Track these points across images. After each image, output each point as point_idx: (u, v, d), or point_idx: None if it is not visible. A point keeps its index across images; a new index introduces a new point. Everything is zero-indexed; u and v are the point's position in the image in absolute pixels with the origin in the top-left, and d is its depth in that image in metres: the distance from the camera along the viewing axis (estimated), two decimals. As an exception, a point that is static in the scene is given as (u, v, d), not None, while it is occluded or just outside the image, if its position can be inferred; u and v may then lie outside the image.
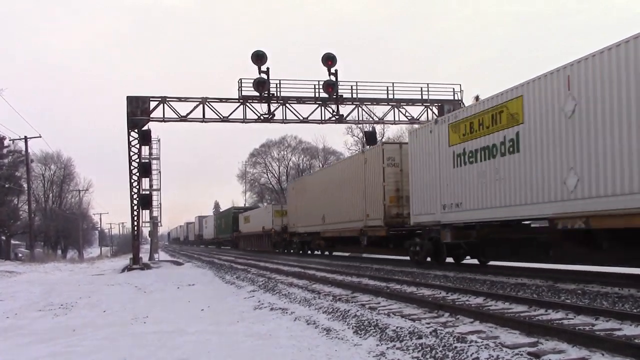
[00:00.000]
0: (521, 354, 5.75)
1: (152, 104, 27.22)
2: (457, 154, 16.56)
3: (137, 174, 28.00)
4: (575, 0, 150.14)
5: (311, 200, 33.05)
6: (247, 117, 27.59)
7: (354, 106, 28.47)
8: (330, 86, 26.77)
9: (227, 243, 66.41)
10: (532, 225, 14.37)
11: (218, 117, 27.40)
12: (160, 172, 34.56)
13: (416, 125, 25.53)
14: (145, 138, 28.03)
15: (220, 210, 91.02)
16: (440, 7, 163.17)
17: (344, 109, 28.35)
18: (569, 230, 12.17)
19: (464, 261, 18.89)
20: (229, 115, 27.51)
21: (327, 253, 34.14)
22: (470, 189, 15.88)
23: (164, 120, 27.35)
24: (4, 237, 54.68)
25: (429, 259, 19.14)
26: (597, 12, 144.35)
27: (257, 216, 50.33)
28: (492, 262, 17.39)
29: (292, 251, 39.77)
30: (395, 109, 28.55)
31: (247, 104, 27.43)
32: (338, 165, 34.45)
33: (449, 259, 18.85)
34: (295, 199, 37.50)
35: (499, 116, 14.68)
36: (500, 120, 14.66)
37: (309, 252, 36.30)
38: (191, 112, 27.23)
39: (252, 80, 26.31)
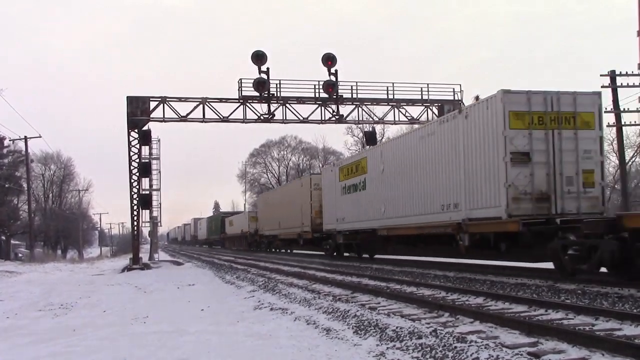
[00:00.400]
0: (521, 354, 5.75)
1: (152, 104, 27.23)
2: (342, 187, 26.21)
3: (137, 174, 28.02)
4: (575, 1, 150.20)
5: (272, 210, 42.16)
6: (247, 117, 27.59)
7: (354, 106, 28.49)
8: (330, 86, 26.77)
9: (217, 243, 73.84)
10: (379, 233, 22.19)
11: (218, 117, 27.41)
12: (160, 172, 34.61)
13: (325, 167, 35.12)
14: (145, 138, 28.04)
15: (221, 211, 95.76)
16: (440, 7, 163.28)
17: (344, 109, 28.38)
18: (382, 235, 21.88)
19: (376, 256, 26.52)
20: (229, 115, 27.52)
21: (282, 251, 43.83)
22: (349, 209, 25.17)
23: (164, 120, 27.36)
24: (4, 237, 54.69)
25: (335, 253, 28.52)
26: (597, 12, 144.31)
27: (238, 220, 58.12)
28: (492, 262, 17.47)
29: (260, 249, 48.54)
30: (395, 109, 28.57)
31: (247, 104, 27.44)
32: (288, 185, 46.78)
33: (355, 254, 27.60)
34: (262, 208, 47.23)
35: (358, 167, 24.50)
36: (359, 170, 24.37)
37: (274, 250, 45.34)
38: (191, 112, 27.24)
39: (252, 81, 26.32)
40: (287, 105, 27.74)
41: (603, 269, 11.95)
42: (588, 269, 11.96)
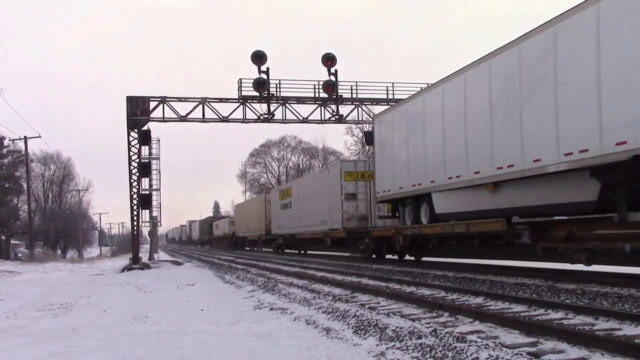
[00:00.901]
0: (521, 354, 5.75)
1: (152, 104, 27.24)
2: (280, 205, 37.90)
3: (137, 174, 28.02)
4: (574, 1, 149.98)
5: (243, 218, 53.77)
6: (247, 117, 27.61)
7: (353, 106, 28.49)
8: (330, 86, 26.78)
9: (206, 242, 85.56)
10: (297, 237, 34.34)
11: (218, 117, 27.43)
12: (160, 172, 34.64)
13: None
14: (145, 138, 28.05)
15: (221, 212, 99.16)
16: (441, 8, 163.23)
17: (344, 109, 28.40)
18: (298, 237, 34.16)
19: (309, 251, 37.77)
20: (228, 115, 27.53)
21: (248, 249, 55.32)
22: (284, 220, 36.76)
23: (163, 120, 27.37)
24: (4, 237, 54.67)
25: (280, 250, 40.67)
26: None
27: (222, 224, 69.57)
28: (491, 262, 17.58)
29: (237, 248, 58.95)
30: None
31: (247, 104, 27.45)
32: (253, 199, 57.58)
33: (294, 250, 39.40)
34: (237, 215, 58.80)
35: (288, 192, 36.15)
36: (288, 194, 35.97)
37: (247, 248, 56.04)
38: (191, 112, 27.25)
39: (251, 81, 26.34)
40: (287, 105, 27.75)
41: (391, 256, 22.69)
42: (368, 256, 23.00)
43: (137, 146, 27.84)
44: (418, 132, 17.40)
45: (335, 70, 26.81)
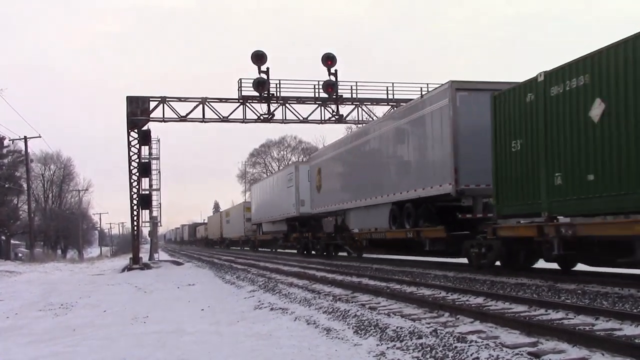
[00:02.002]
0: (521, 354, 5.75)
1: (152, 104, 27.25)
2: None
3: (137, 174, 28.03)
4: (574, 2, 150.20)
5: (215, 223, 70.55)
6: (247, 117, 27.62)
7: (353, 106, 28.50)
8: (330, 86, 26.78)
9: (192, 243, 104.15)
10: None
11: (218, 117, 27.44)
12: (160, 172, 34.58)
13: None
14: (145, 138, 28.06)
15: (220, 210, 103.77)
16: (441, 8, 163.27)
17: (344, 109, 28.41)
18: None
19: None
20: (228, 115, 27.54)
21: (218, 247, 67.04)
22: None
23: (163, 120, 27.38)
24: (4, 237, 54.66)
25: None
26: (596, 13, 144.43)
27: (201, 229, 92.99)
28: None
29: (211, 248, 72.64)
30: (395, 109, 28.56)
31: (247, 104, 27.45)
32: (231, 208, 64.56)
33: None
34: (211, 222, 77.00)
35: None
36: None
37: (231, 247, 63.13)
38: (191, 112, 27.27)
39: (252, 80, 26.35)
40: (287, 105, 27.76)
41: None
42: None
43: (137, 146, 27.85)
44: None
45: (335, 70, 26.82)
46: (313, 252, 32.36)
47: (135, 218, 28.32)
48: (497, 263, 14.91)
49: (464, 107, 15.50)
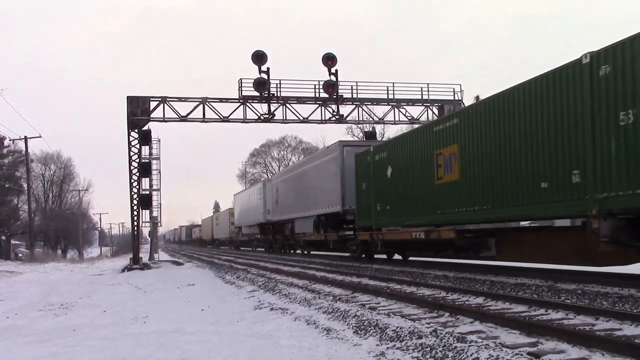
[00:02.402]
0: (521, 354, 5.75)
1: (152, 104, 27.24)
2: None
3: (137, 174, 28.02)
4: (573, 2, 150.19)
5: (210, 225, 78.53)
6: (247, 117, 27.60)
7: (354, 106, 28.49)
8: (331, 86, 26.77)
9: (189, 243, 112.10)
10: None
11: (218, 117, 27.42)
12: (160, 172, 34.57)
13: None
14: (146, 138, 28.05)
15: (221, 210, 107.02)
16: (441, 8, 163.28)
17: (344, 109, 28.38)
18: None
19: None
20: (229, 115, 27.53)
21: (210, 246, 75.24)
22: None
23: (164, 120, 27.37)
24: (4, 237, 54.67)
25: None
26: (596, 13, 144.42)
27: (197, 230, 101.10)
28: (493, 263, 17.53)
29: (204, 247, 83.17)
30: (395, 109, 28.57)
31: (247, 104, 27.44)
32: (217, 214, 77.94)
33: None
34: (205, 224, 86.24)
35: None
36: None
37: (220, 247, 70.95)
38: (191, 112, 27.25)
39: (252, 80, 26.33)
40: (287, 105, 27.74)
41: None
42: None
43: (138, 146, 27.84)
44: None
45: (336, 70, 26.80)
46: (276, 249, 42.36)
47: (135, 218, 28.31)
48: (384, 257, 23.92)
49: (348, 157, 24.07)
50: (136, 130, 27.52)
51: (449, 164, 16.02)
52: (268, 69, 26.33)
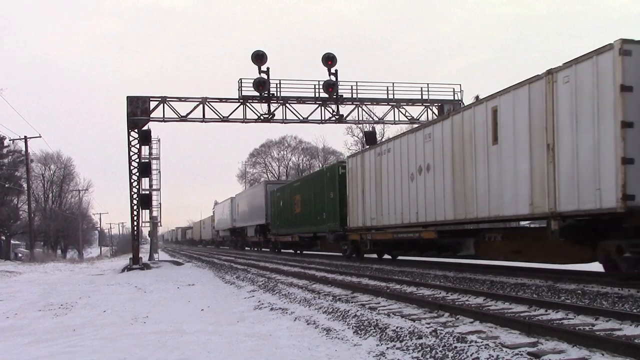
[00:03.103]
0: (521, 354, 5.75)
1: (152, 104, 27.25)
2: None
3: (137, 174, 28.02)
4: (573, 2, 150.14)
5: (197, 228, 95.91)
6: (247, 117, 27.61)
7: (354, 106, 28.49)
8: (331, 86, 26.77)
9: (184, 243, 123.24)
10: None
11: (218, 117, 27.43)
12: (160, 172, 34.59)
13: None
14: (145, 138, 28.05)
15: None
16: (441, 8, 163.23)
17: (344, 109, 28.40)
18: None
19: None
20: (229, 115, 27.53)
21: (201, 246, 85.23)
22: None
23: (164, 120, 27.38)
24: (4, 237, 54.67)
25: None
26: (595, 13, 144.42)
27: (190, 231, 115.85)
28: (492, 262, 17.56)
29: (195, 246, 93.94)
30: (395, 109, 28.58)
31: (247, 104, 27.45)
32: (205, 219, 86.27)
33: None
34: (195, 227, 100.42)
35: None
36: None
37: (207, 246, 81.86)
38: (191, 112, 27.26)
39: (252, 80, 26.34)
40: (287, 105, 27.75)
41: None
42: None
43: (137, 146, 27.84)
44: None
45: (336, 70, 26.81)
46: (238, 247, 56.97)
47: (135, 218, 28.31)
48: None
49: (269, 190, 40.23)
50: (136, 130, 27.52)
51: (298, 203, 31.89)
52: (268, 69, 26.36)
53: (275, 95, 27.16)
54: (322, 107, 28.04)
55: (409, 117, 28.91)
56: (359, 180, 22.55)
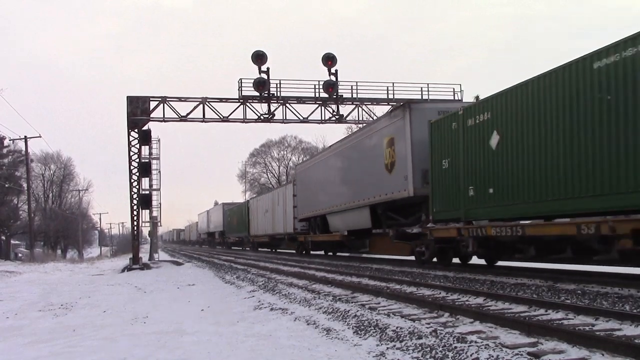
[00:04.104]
0: (521, 354, 5.75)
1: (152, 104, 27.26)
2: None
3: (137, 174, 28.04)
4: (573, 2, 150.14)
5: (188, 231, 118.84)
6: (247, 117, 27.63)
7: (354, 106, 28.51)
8: (331, 86, 26.79)
9: (179, 243, 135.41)
10: None
11: (218, 117, 27.44)
12: (160, 172, 34.60)
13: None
14: (145, 138, 28.08)
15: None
16: (441, 8, 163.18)
17: (344, 109, 28.41)
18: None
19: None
20: (229, 115, 27.55)
21: (197, 245, 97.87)
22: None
23: (164, 120, 27.39)
24: (4, 237, 54.67)
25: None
26: (595, 13, 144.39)
27: (182, 232, 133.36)
28: (498, 263, 17.54)
29: (187, 245, 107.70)
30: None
31: (247, 104, 27.46)
32: (194, 223, 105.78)
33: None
34: (188, 228, 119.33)
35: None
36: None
37: (194, 245, 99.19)
38: (191, 112, 27.27)
39: (252, 80, 26.36)
40: (287, 105, 27.76)
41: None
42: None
43: (137, 146, 27.86)
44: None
45: (336, 70, 26.83)
46: (218, 246, 71.67)
47: (135, 218, 28.33)
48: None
49: (225, 209, 64.16)
50: (136, 130, 27.54)
51: (239, 217, 43.12)
52: (268, 69, 26.37)
53: (275, 95, 27.17)
54: (322, 107, 28.06)
55: (409, 117, 28.88)
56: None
